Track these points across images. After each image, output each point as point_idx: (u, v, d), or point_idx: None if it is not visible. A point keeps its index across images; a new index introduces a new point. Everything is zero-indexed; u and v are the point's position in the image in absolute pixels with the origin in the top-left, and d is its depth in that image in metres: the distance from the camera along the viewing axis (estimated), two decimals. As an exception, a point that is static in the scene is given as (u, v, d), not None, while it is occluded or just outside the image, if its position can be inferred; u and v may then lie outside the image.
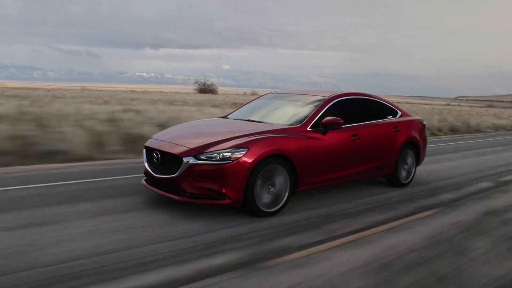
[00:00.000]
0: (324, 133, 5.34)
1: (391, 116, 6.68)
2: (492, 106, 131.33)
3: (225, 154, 4.49)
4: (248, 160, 4.50)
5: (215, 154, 4.50)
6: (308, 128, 5.24)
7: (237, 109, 6.72)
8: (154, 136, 5.47)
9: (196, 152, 4.55)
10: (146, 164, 5.17)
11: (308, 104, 5.78)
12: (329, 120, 5.31)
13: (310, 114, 5.43)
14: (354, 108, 6.04)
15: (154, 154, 4.92)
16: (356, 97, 6.21)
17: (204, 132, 5.30)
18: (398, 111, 6.93)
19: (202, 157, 4.51)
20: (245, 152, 4.52)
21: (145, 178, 5.38)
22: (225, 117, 6.47)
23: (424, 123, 7.44)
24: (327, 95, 5.88)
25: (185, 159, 4.52)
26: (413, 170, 7.00)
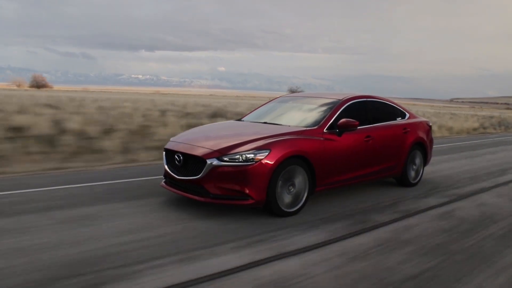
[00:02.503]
0: (339, 134, 5.51)
1: (400, 118, 6.87)
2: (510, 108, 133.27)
3: (248, 155, 4.63)
4: (270, 161, 4.65)
5: (238, 156, 4.64)
6: (324, 130, 5.41)
7: (251, 112, 6.88)
8: (173, 139, 5.60)
9: (219, 154, 4.69)
10: (166, 166, 5.32)
11: (322, 106, 5.95)
12: (344, 122, 5.48)
13: (325, 116, 5.59)
14: (366, 110, 6.21)
15: (176, 156, 5.05)
16: (368, 99, 6.38)
17: (223, 134, 5.45)
18: (407, 113, 7.12)
19: (225, 158, 4.65)
20: (267, 153, 4.67)
21: (164, 180, 5.52)
22: (240, 119, 6.63)
23: (430, 124, 7.63)
24: (340, 97, 6.05)
25: (208, 161, 4.66)
26: (421, 170, 7.19)
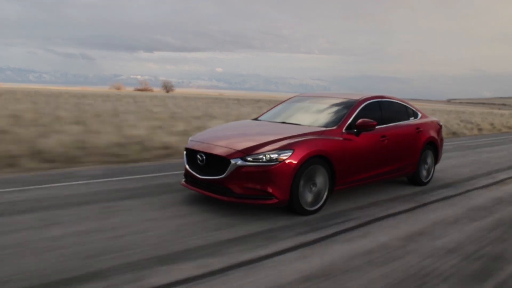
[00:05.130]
0: (357, 134, 5.59)
1: (413, 118, 6.97)
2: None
3: (272, 155, 4.70)
4: (294, 161, 4.73)
5: (262, 156, 4.71)
6: (343, 130, 5.49)
7: (267, 111, 6.94)
8: (193, 138, 5.64)
9: (243, 154, 4.75)
10: (187, 166, 5.37)
11: (338, 106, 6.03)
12: (363, 122, 5.56)
13: (344, 116, 5.67)
14: (381, 110, 6.29)
15: (199, 156, 5.11)
16: (382, 99, 6.46)
17: (244, 134, 5.51)
18: (419, 113, 7.22)
19: (249, 158, 4.72)
20: (290, 153, 4.74)
21: (184, 179, 5.58)
22: (256, 119, 6.70)
23: (441, 124, 7.74)
24: (356, 98, 6.13)
25: (233, 161, 4.72)
26: (432, 169, 7.29)
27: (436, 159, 7.41)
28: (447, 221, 5.03)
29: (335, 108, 6.03)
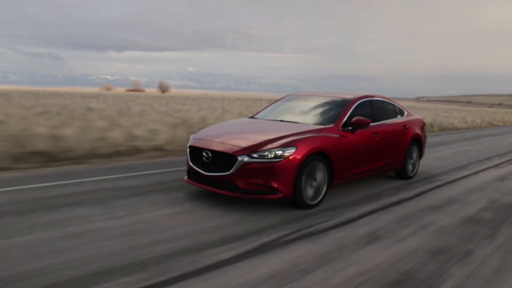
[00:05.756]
0: (353, 131, 5.90)
1: (400, 116, 7.34)
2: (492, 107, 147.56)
3: (277, 152, 4.94)
4: (297, 157, 4.98)
5: (267, 153, 4.94)
6: (339, 128, 5.78)
7: (261, 110, 7.17)
8: (196, 136, 5.79)
9: (249, 151, 4.97)
10: (191, 163, 5.55)
11: (333, 105, 6.33)
12: (357, 120, 5.87)
13: (340, 114, 5.97)
14: (372, 109, 6.62)
15: (204, 153, 5.28)
16: (373, 98, 6.80)
17: (246, 132, 5.70)
18: (405, 111, 7.61)
19: (255, 155, 4.94)
20: (294, 150, 4.99)
21: (187, 176, 5.75)
22: (253, 117, 6.92)
23: (424, 121, 8.17)
24: (349, 97, 6.44)
25: (239, 158, 4.94)
26: (417, 164, 7.71)
27: (420, 154, 7.83)
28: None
29: (330, 107, 6.32)
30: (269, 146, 5.03)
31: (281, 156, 4.94)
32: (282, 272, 3.37)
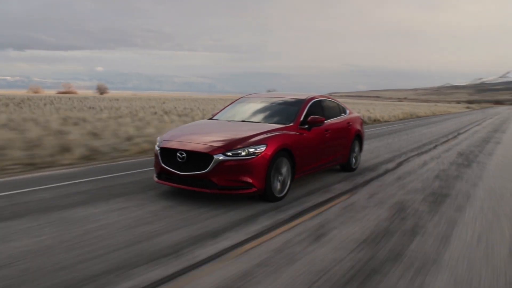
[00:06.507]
0: (309, 129, 6.47)
1: (343, 114, 8.08)
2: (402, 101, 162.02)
3: (250, 150, 5.34)
4: (268, 154, 5.43)
5: (240, 151, 5.33)
6: (298, 126, 6.32)
7: (219, 112, 7.50)
8: (165, 138, 5.98)
9: (224, 149, 5.31)
10: (163, 164, 5.73)
11: (289, 105, 6.87)
12: (313, 119, 6.46)
13: (297, 114, 6.51)
14: (322, 108, 7.26)
15: (179, 153, 5.49)
16: (322, 99, 7.46)
17: (216, 132, 6.01)
18: (347, 109, 8.37)
19: (229, 154, 5.30)
20: (264, 148, 5.43)
21: (156, 176, 5.94)
22: (212, 118, 7.22)
23: (362, 118, 9.03)
24: (303, 97, 7.02)
25: (215, 156, 5.26)
26: (359, 157, 8.53)
27: (360, 148, 8.66)
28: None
29: (287, 107, 6.85)
30: (242, 144, 5.41)
31: (253, 154, 5.35)
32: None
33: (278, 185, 5.74)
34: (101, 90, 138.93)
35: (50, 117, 16.52)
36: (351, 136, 7.99)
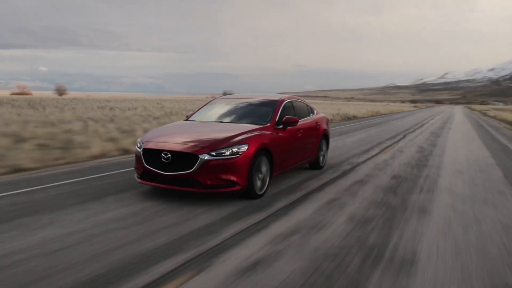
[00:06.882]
0: (284, 129, 6.79)
1: (312, 114, 8.47)
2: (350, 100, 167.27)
3: (233, 149, 5.57)
4: (250, 153, 5.68)
5: (224, 150, 5.54)
6: (274, 126, 6.62)
7: (194, 113, 7.65)
8: (145, 139, 6.05)
9: (208, 149, 5.50)
10: (146, 165, 5.81)
11: (263, 106, 7.15)
12: (287, 119, 6.78)
13: (272, 114, 6.80)
14: (294, 109, 7.60)
15: (163, 154, 5.58)
16: (293, 100, 7.81)
17: (197, 132, 6.15)
18: (314, 109, 8.78)
19: (214, 153, 5.49)
20: (246, 147, 5.67)
21: (138, 177, 6.03)
22: (187, 119, 7.36)
23: (327, 118, 9.47)
24: (276, 98, 7.34)
25: (201, 156, 5.43)
26: (326, 155, 8.96)
27: (327, 147, 9.09)
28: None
29: (261, 108, 7.13)
30: (225, 144, 5.62)
31: (237, 153, 5.58)
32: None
33: (259, 183, 6.00)
34: (60, 91, 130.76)
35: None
36: (319, 135, 8.39)
